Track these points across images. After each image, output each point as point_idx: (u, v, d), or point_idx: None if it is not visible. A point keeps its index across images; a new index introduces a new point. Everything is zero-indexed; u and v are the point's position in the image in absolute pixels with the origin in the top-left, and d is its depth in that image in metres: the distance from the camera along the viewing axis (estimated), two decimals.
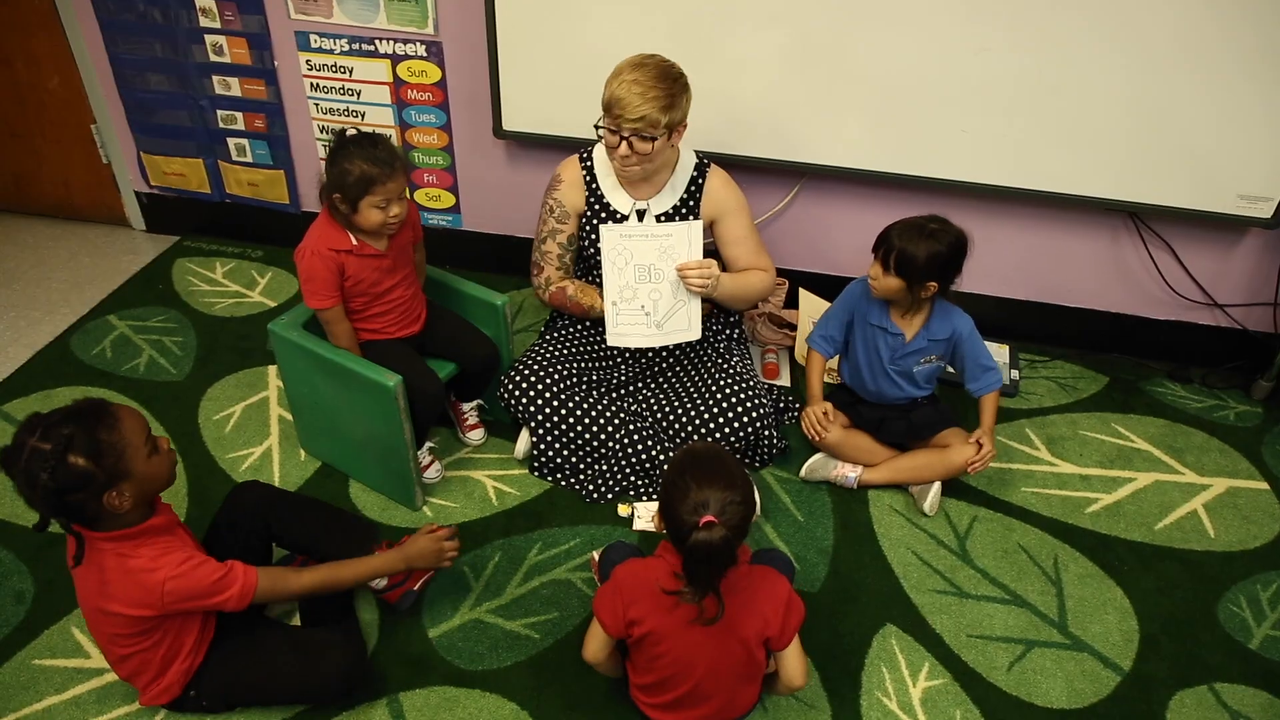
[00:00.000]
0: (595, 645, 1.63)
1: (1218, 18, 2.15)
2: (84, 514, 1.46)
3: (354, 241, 1.99)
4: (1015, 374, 2.67)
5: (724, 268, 2.21)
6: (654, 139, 1.98)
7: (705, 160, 2.21)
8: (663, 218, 2.18)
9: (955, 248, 2.01)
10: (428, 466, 2.20)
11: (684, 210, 2.19)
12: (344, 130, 1.96)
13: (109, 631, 1.57)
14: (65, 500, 1.42)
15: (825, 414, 2.21)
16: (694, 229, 2.04)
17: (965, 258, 2.03)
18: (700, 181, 2.20)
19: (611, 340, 2.15)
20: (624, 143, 1.99)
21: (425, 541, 1.75)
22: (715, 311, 2.41)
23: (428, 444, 2.20)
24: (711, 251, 2.19)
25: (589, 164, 2.21)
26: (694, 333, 2.14)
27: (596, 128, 2.03)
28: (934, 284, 2.04)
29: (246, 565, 1.57)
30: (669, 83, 1.96)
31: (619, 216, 2.20)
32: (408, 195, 2.08)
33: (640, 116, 1.94)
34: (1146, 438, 2.49)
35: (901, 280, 2.03)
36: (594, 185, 2.21)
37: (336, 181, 1.91)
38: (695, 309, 2.13)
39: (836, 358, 2.34)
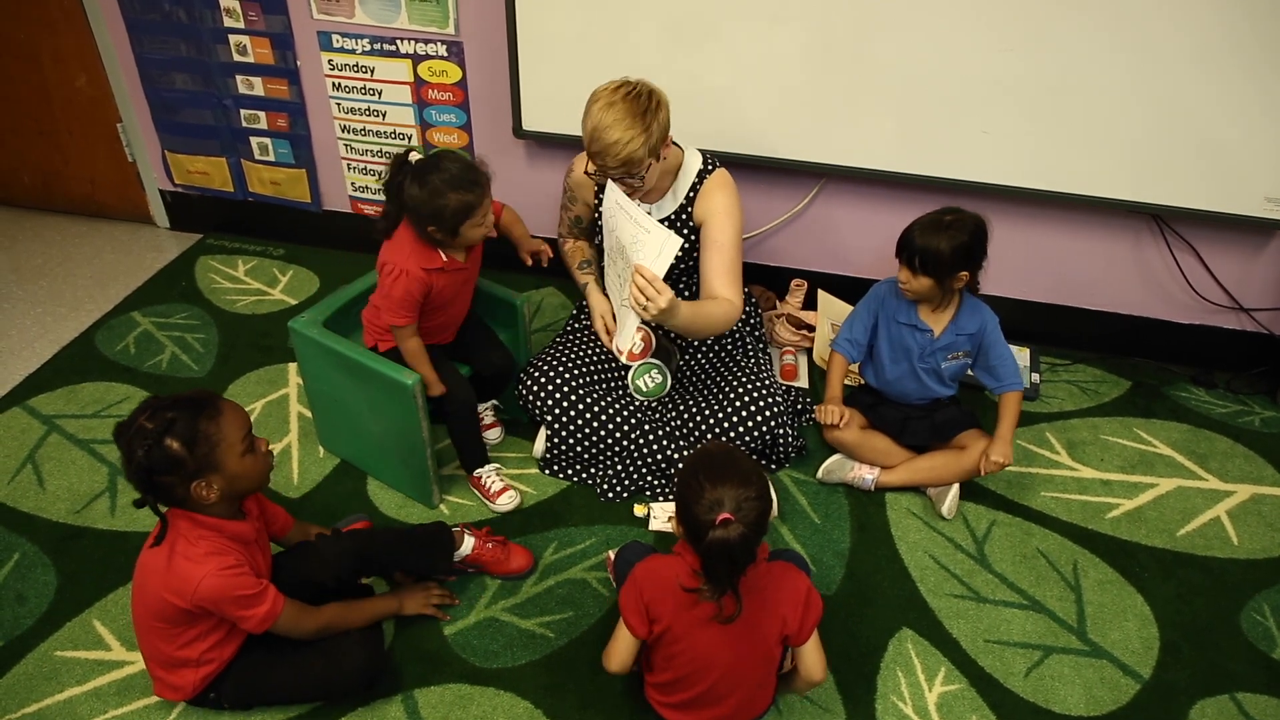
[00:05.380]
0: (621, 650, 1.61)
1: (1245, 19, 2.12)
2: (172, 496, 1.51)
3: (444, 259, 1.99)
4: (1036, 377, 2.64)
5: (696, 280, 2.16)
6: (643, 175, 1.95)
7: (711, 164, 2.15)
8: (664, 223, 2.15)
9: (976, 234, 2.02)
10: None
11: (683, 215, 2.15)
12: (405, 155, 1.91)
13: (147, 615, 1.60)
14: (154, 480, 1.47)
15: (841, 415, 2.20)
16: (670, 242, 1.79)
17: (987, 241, 2.04)
18: (699, 187, 2.14)
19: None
20: (618, 182, 1.96)
21: (418, 589, 1.92)
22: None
23: (493, 466, 2.22)
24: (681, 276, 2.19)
25: None
26: (620, 345, 2.03)
27: (588, 174, 2.00)
28: (965, 274, 2.04)
29: (278, 594, 1.61)
30: (641, 115, 1.88)
31: None
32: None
33: (623, 162, 1.89)
34: (1169, 443, 2.46)
35: (932, 279, 2.03)
36: (602, 184, 2.20)
37: (432, 215, 1.89)
38: (628, 319, 1.95)
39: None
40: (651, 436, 2.18)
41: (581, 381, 2.19)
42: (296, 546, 1.83)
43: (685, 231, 2.15)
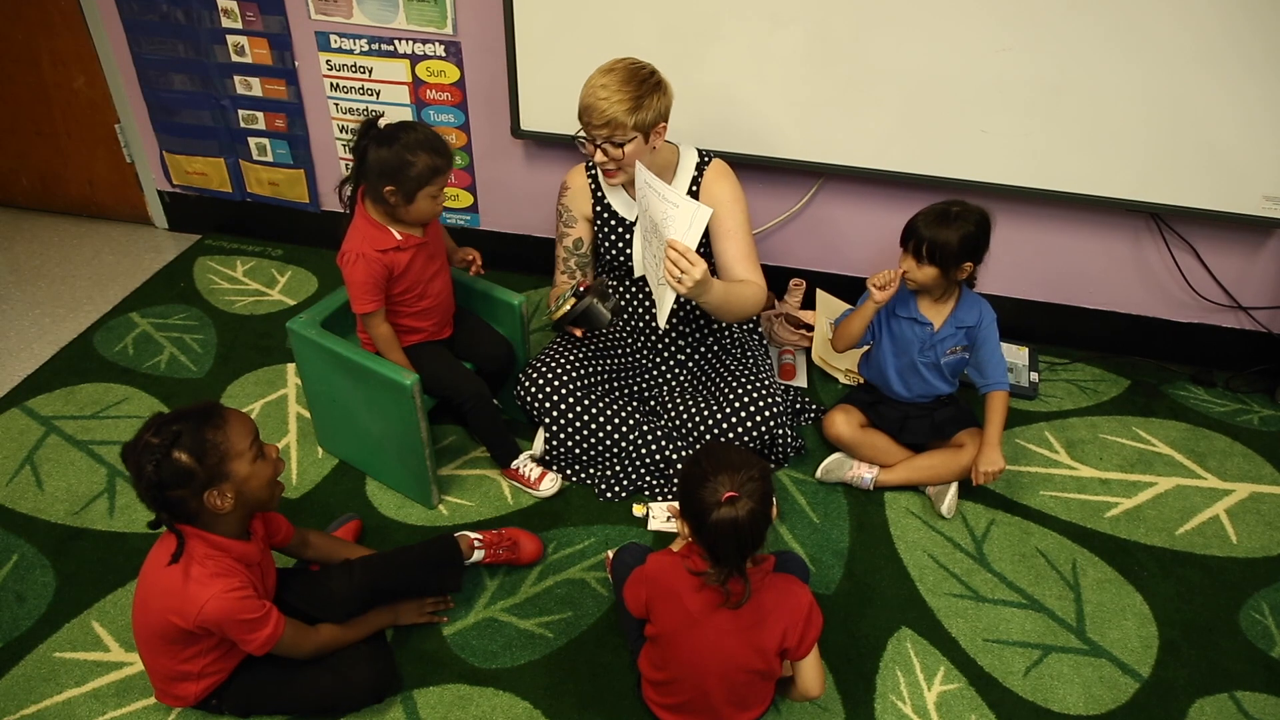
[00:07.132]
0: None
1: (1243, 18, 2.12)
2: (185, 511, 1.49)
3: (398, 237, 1.97)
4: (1035, 376, 2.64)
5: (713, 268, 2.15)
6: (624, 144, 1.96)
7: (706, 158, 2.17)
8: None
9: (982, 225, 2.04)
10: (539, 479, 2.19)
11: None
12: (374, 119, 1.90)
13: (148, 632, 1.59)
14: (167, 495, 1.46)
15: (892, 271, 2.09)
16: (700, 213, 1.81)
17: (991, 233, 2.05)
18: (700, 180, 2.17)
19: (637, 271, 2.20)
20: (598, 149, 1.98)
21: (413, 604, 1.90)
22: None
23: (527, 454, 2.21)
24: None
25: (593, 170, 2.21)
26: (658, 320, 2.02)
27: (574, 138, 2.01)
28: (969, 264, 2.05)
29: (280, 616, 1.60)
30: (635, 85, 1.92)
31: (624, 222, 2.20)
32: None
33: (606, 121, 1.91)
34: (1168, 441, 2.46)
35: (937, 268, 2.04)
36: (598, 192, 2.21)
37: (393, 174, 1.86)
38: (665, 296, 1.96)
39: (860, 355, 2.34)
40: (650, 436, 2.18)
41: (580, 382, 2.19)
42: (304, 576, 1.80)
43: None
